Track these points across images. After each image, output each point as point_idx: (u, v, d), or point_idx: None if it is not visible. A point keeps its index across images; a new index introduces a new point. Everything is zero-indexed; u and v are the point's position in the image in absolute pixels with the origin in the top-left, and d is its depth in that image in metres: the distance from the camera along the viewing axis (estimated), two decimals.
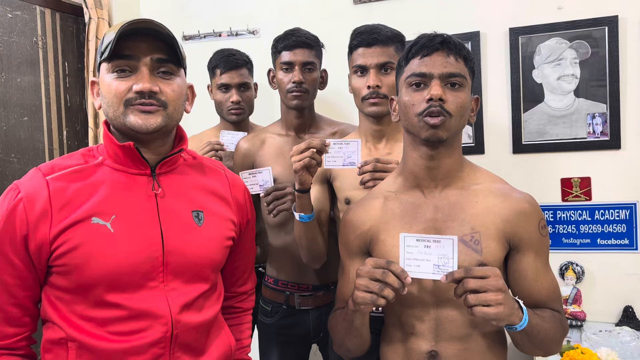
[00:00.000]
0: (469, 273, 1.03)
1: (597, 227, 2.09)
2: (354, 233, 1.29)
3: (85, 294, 1.06)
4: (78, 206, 1.06)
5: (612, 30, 2.00)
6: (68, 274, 1.05)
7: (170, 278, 1.11)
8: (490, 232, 1.17)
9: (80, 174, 1.09)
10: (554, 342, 1.18)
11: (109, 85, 1.08)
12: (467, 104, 1.18)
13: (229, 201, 1.26)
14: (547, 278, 1.21)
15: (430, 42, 1.17)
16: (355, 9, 2.33)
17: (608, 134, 2.04)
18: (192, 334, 1.15)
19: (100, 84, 1.12)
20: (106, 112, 1.11)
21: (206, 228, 1.18)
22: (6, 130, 2.14)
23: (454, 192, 1.22)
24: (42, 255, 1.04)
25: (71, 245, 1.04)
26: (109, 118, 1.11)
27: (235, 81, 2.03)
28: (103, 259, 1.05)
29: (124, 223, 1.08)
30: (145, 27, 1.07)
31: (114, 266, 1.05)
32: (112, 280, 1.05)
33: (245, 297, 1.42)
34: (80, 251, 1.04)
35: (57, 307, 1.08)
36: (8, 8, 2.16)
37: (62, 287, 1.07)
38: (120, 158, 1.12)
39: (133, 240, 1.08)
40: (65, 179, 1.07)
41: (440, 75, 1.15)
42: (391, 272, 1.06)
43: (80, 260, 1.04)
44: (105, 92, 1.10)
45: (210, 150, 1.90)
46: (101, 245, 1.05)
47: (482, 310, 1.01)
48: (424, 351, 1.20)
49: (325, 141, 1.42)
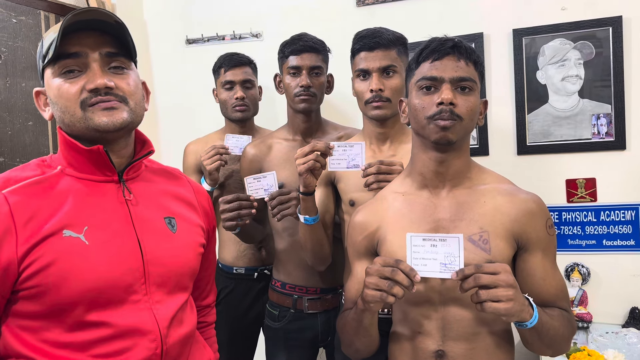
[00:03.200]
0: (480, 269, 1.04)
1: (602, 228, 2.08)
2: (362, 234, 1.30)
3: (62, 317, 0.95)
4: (45, 219, 0.95)
5: (616, 30, 1.99)
6: (40, 297, 0.94)
7: (153, 289, 1.04)
8: (498, 231, 1.18)
9: (40, 186, 0.99)
10: (563, 341, 1.18)
11: (58, 90, 1.00)
12: (477, 107, 1.20)
13: (196, 207, 1.21)
14: (555, 277, 1.22)
15: (441, 46, 1.18)
16: (358, 11, 2.32)
17: (613, 134, 2.03)
18: (179, 348, 1.07)
19: (48, 91, 1.03)
20: (61, 120, 1.02)
21: (180, 235, 1.12)
22: (11, 135, 2.15)
23: (462, 193, 1.23)
24: (8, 279, 0.92)
25: (44, 262, 0.93)
26: (66, 125, 1.02)
27: (239, 78, 2.04)
28: (81, 275, 0.95)
29: (98, 234, 0.99)
30: (90, 18, 0.98)
31: (93, 281, 0.96)
32: (93, 297, 0.96)
33: (209, 310, 1.36)
34: (55, 268, 0.93)
35: (22, 338, 0.96)
36: (12, 13, 2.17)
37: (29, 314, 0.95)
38: (84, 165, 1.03)
39: (110, 252, 0.99)
40: (24, 192, 0.96)
41: (451, 79, 1.16)
42: (400, 270, 1.07)
43: (55, 278, 0.93)
44: (55, 98, 1.01)
45: (215, 155, 1.90)
46: (77, 259, 0.95)
47: (493, 306, 1.02)
48: (432, 350, 1.21)
49: (330, 144, 1.42)
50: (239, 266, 2.09)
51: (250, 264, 2.08)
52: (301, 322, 1.83)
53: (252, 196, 1.68)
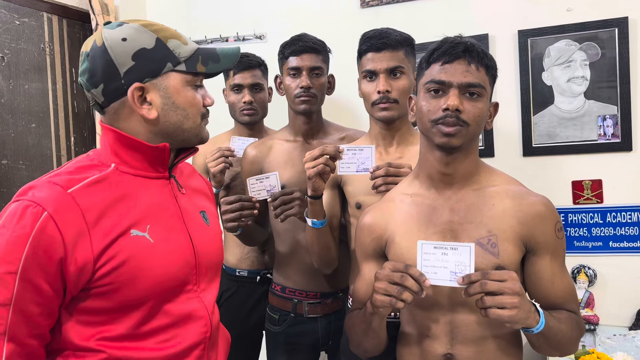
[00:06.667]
0: (486, 276, 1.04)
1: (609, 230, 2.07)
2: (369, 236, 1.29)
3: (128, 312, 1.00)
4: (114, 219, 0.99)
5: (622, 31, 1.99)
6: (112, 294, 0.98)
7: (201, 279, 1.12)
8: (507, 234, 1.17)
9: (101, 184, 1.01)
10: (571, 343, 1.18)
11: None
12: (485, 113, 1.18)
13: (212, 200, 1.31)
14: (564, 280, 1.21)
15: (452, 49, 1.16)
16: (362, 12, 2.32)
17: (619, 135, 2.02)
18: (216, 330, 1.17)
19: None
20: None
21: (212, 227, 1.21)
22: (14, 137, 2.14)
23: (471, 194, 1.22)
24: (83, 277, 0.95)
25: (118, 261, 0.97)
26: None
27: (247, 81, 2.03)
28: (150, 272, 1.00)
29: (159, 231, 1.05)
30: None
31: (160, 277, 1.02)
32: (159, 292, 1.02)
33: None
34: (128, 267, 0.98)
35: (83, 333, 0.99)
36: (15, 15, 2.16)
37: (96, 310, 0.99)
38: (140, 162, 1.07)
39: (170, 247, 1.06)
40: (89, 191, 0.98)
41: (459, 84, 1.14)
42: (410, 276, 1.07)
43: (127, 277, 0.98)
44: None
45: (220, 157, 1.88)
46: (146, 258, 1.00)
47: (497, 313, 1.02)
48: (440, 354, 1.20)
49: (339, 147, 1.41)
50: (242, 268, 2.07)
51: (253, 267, 2.07)
52: (301, 326, 1.81)
53: (254, 197, 1.67)
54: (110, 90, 1.03)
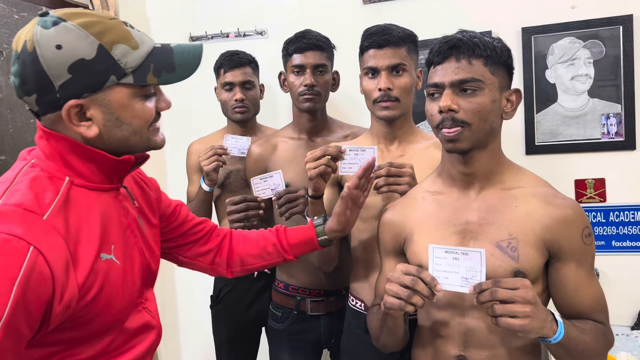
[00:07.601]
0: (498, 284, 1.00)
1: (611, 229, 2.05)
2: (389, 233, 1.29)
3: (96, 339, 0.94)
4: (84, 244, 0.89)
5: (626, 29, 1.97)
6: (84, 324, 0.90)
7: (145, 290, 1.09)
8: (529, 238, 1.12)
9: (68, 205, 0.90)
10: (595, 355, 1.11)
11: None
12: (488, 106, 1.11)
13: (149, 194, 1.21)
14: (591, 289, 1.14)
15: (440, 49, 1.13)
16: (364, 9, 2.30)
17: (623, 134, 2.00)
18: None
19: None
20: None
21: (147, 231, 1.12)
22: (13, 132, 2.12)
23: (493, 195, 1.18)
24: (65, 315, 0.85)
25: (95, 291, 0.89)
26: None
27: (238, 79, 2.01)
28: (120, 296, 0.95)
29: (120, 250, 0.97)
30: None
31: (128, 299, 0.97)
32: (125, 314, 0.99)
33: (218, 232, 1.43)
34: (104, 294, 0.90)
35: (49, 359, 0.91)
36: (14, 9, 2.14)
37: (62, 341, 0.90)
38: (95, 175, 0.96)
39: (132, 267, 1.00)
40: (61, 215, 0.88)
41: (450, 83, 1.11)
42: (421, 280, 1.04)
43: (103, 305, 0.91)
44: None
45: (213, 155, 1.87)
46: (117, 282, 0.94)
47: (507, 322, 0.98)
48: (453, 355, 1.18)
49: (341, 147, 1.40)
50: None
51: None
52: (304, 324, 1.80)
53: (259, 197, 1.67)
54: (45, 102, 0.90)
